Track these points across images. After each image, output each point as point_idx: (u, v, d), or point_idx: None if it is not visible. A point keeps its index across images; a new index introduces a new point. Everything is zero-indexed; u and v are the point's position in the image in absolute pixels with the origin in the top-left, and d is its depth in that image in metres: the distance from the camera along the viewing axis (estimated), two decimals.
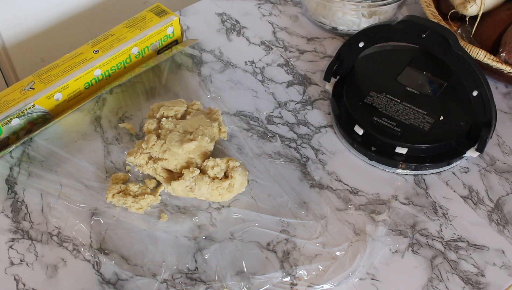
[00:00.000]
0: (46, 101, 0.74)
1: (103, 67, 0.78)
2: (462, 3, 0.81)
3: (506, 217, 0.68)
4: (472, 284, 0.63)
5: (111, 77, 0.80)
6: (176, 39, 0.85)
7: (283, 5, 0.96)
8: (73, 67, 0.76)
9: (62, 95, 0.75)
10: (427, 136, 0.71)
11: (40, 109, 0.74)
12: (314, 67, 0.86)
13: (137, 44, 0.80)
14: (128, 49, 0.79)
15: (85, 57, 0.77)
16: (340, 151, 0.75)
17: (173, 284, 0.62)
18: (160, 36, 0.82)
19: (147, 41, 0.81)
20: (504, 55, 0.76)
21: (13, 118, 0.71)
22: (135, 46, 0.80)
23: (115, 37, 0.80)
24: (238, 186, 0.68)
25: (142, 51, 0.81)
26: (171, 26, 0.83)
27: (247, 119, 0.78)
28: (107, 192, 0.67)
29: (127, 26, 0.81)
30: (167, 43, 0.84)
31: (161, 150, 0.68)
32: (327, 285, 0.62)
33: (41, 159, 0.72)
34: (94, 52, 0.78)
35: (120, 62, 0.80)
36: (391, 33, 0.71)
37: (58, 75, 0.75)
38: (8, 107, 0.71)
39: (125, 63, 0.80)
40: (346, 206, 0.69)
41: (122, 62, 0.80)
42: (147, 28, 0.81)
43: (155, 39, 0.82)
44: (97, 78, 0.78)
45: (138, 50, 0.81)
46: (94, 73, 0.77)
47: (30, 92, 0.73)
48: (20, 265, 0.63)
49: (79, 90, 0.77)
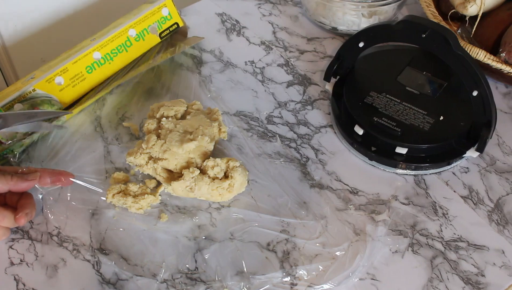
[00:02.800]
0: (47, 85, 0.74)
1: (101, 50, 0.78)
2: (462, 3, 0.81)
3: (506, 217, 0.68)
4: (472, 284, 0.63)
5: (115, 61, 0.80)
6: (176, 22, 0.85)
7: (283, 5, 0.96)
8: (72, 54, 0.77)
9: (63, 79, 0.75)
10: (427, 136, 0.71)
11: (42, 94, 0.73)
12: (314, 67, 0.86)
13: (132, 26, 0.80)
14: (124, 31, 0.80)
15: (82, 46, 0.79)
16: (340, 151, 0.75)
17: (173, 284, 0.62)
18: (156, 18, 0.83)
19: (143, 23, 0.82)
20: (504, 55, 0.76)
21: (15, 102, 0.71)
22: (131, 28, 0.80)
23: (112, 25, 0.81)
24: (238, 186, 0.68)
25: (141, 33, 0.82)
26: (165, 7, 0.83)
27: (247, 119, 0.78)
28: (107, 192, 0.67)
29: (123, 17, 0.83)
30: (167, 26, 0.84)
31: (161, 150, 0.68)
32: (327, 285, 0.62)
33: (41, 159, 0.72)
34: (91, 40, 0.79)
35: (120, 45, 0.80)
36: (391, 33, 0.71)
37: (56, 63, 0.76)
38: (9, 95, 0.72)
39: (125, 46, 0.80)
40: (346, 206, 0.69)
41: (121, 45, 0.80)
42: (140, 11, 0.82)
43: (151, 21, 0.82)
44: (98, 62, 0.78)
45: (136, 33, 0.81)
46: (93, 56, 0.77)
47: (30, 81, 0.74)
48: (20, 265, 0.63)
49: (81, 74, 0.77)
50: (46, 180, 0.65)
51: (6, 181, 0.62)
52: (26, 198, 0.65)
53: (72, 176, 0.67)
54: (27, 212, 0.63)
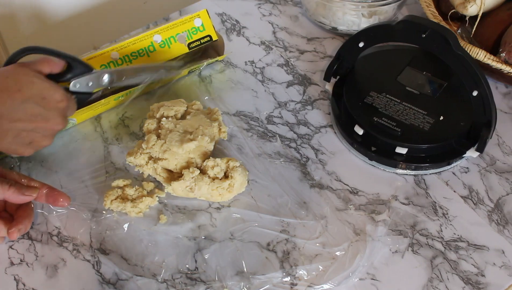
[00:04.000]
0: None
1: (120, 50, 0.75)
2: (462, 3, 0.81)
3: (506, 217, 0.68)
4: (472, 284, 0.63)
5: (133, 64, 0.76)
6: (209, 34, 0.81)
7: (283, 5, 0.96)
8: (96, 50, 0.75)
9: None
10: (427, 136, 0.71)
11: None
12: (314, 67, 0.86)
13: (158, 32, 0.77)
14: (149, 35, 0.77)
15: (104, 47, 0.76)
16: (340, 151, 0.75)
17: (173, 284, 0.62)
18: (186, 27, 0.79)
19: (171, 30, 0.78)
20: (504, 55, 0.76)
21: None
22: (157, 34, 0.77)
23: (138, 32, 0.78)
24: (238, 186, 0.68)
25: (167, 40, 0.78)
26: (199, 18, 0.79)
27: (247, 119, 0.78)
28: (105, 199, 0.67)
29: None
30: (198, 37, 0.80)
31: (161, 150, 0.68)
32: (327, 285, 0.62)
33: (41, 159, 0.72)
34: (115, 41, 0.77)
35: (142, 49, 0.76)
36: (391, 33, 0.71)
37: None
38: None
39: (147, 50, 0.77)
40: (346, 206, 0.69)
41: (144, 49, 0.77)
42: (170, 20, 0.79)
43: (180, 29, 0.79)
44: (115, 62, 0.75)
45: (162, 39, 0.77)
46: (111, 56, 0.74)
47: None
48: (20, 265, 0.63)
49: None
50: (43, 198, 0.65)
51: (3, 191, 0.61)
52: (24, 210, 0.64)
53: (69, 200, 0.66)
54: (20, 228, 0.62)
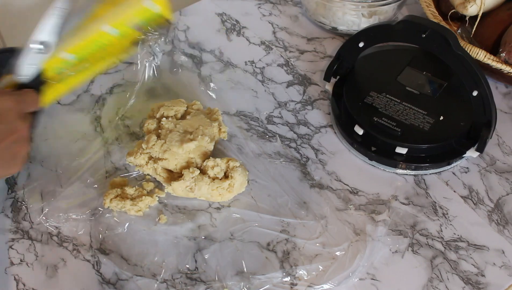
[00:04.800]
0: None
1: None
2: (462, 3, 0.81)
3: (506, 217, 0.68)
4: (472, 284, 0.63)
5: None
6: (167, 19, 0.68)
7: (283, 5, 0.96)
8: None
9: None
10: (427, 136, 0.71)
11: None
12: (314, 67, 0.86)
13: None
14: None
15: None
16: (340, 151, 0.75)
17: (173, 284, 0.62)
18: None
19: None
20: (504, 55, 0.76)
21: None
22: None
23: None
24: (238, 186, 0.68)
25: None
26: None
27: (247, 119, 0.78)
28: (104, 198, 0.67)
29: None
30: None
31: (161, 150, 0.68)
32: (327, 285, 0.62)
33: (41, 159, 0.72)
34: None
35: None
36: (391, 33, 0.71)
37: None
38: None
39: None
40: (346, 206, 0.69)
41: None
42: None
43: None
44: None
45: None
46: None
47: None
48: (20, 265, 0.63)
49: None
50: None
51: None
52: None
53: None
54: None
